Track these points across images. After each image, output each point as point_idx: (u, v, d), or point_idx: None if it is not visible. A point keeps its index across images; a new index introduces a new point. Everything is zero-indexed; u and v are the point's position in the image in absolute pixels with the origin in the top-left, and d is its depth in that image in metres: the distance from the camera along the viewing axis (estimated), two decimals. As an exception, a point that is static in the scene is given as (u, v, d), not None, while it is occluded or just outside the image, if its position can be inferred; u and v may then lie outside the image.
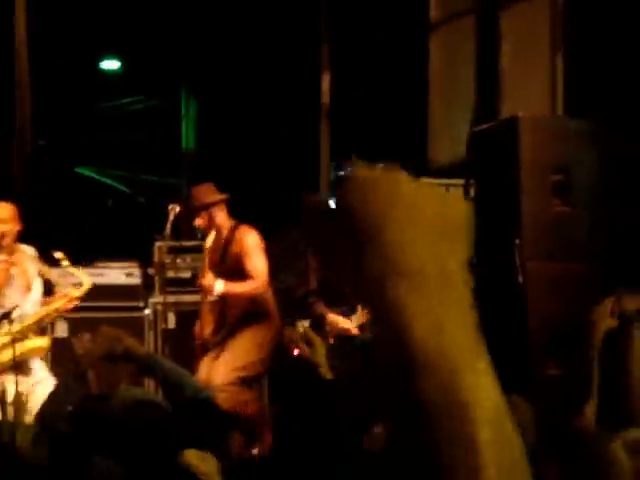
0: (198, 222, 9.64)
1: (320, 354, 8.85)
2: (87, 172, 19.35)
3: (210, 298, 9.87)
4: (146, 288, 12.17)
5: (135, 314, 11.99)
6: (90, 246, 13.00)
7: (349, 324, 9.42)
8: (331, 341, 9.39)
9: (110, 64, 19.86)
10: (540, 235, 9.28)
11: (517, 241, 9.15)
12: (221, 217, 9.57)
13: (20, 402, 8.32)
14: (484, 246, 9.33)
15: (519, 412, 6.21)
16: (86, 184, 19.10)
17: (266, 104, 15.58)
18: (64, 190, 15.25)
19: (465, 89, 12.27)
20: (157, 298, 11.65)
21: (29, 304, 8.95)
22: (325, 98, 14.45)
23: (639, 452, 5.92)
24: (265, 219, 11.34)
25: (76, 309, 10.10)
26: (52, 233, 11.63)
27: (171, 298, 11.68)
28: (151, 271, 11.83)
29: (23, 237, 9.61)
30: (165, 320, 11.82)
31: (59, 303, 9.09)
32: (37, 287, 9.11)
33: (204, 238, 10.12)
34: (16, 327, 8.76)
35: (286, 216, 13.62)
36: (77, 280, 9.40)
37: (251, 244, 9.43)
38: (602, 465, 6.18)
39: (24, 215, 9.30)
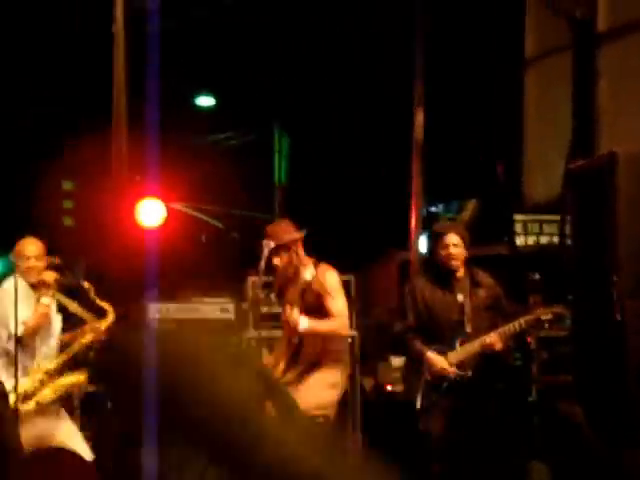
0: (276, 261, 9.12)
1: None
2: (181, 207, 18.85)
3: (293, 336, 9.50)
4: (240, 323, 12.01)
5: None
6: (185, 281, 12.93)
7: (445, 364, 8.96)
8: (428, 377, 8.91)
9: (205, 101, 20.16)
10: (638, 272, 8.92)
11: (615, 278, 8.80)
12: (300, 254, 9.13)
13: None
14: (581, 283, 9.02)
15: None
16: (181, 219, 18.63)
17: (358, 140, 15.38)
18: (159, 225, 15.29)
19: (561, 126, 12.09)
20: (251, 333, 11.43)
21: (52, 338, 8.83)
22: (418, 134, 14.12)
23: None
24: (355, 254, 11.22)
25: None
26: (146, 267, 11.63)
27: (264, 333, 11.48)
28: (245, 306, 11.69)
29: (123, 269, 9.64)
30: (259, 355, 11.50)
31: (89, 337, 8.90)
32: (58, 321, 8.96)
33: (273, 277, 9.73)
34: (52, 365, 8.70)
35: (377, 251, 13.51)
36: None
37: (333, 283, 9.05)
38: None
39: (125, 248, 9.29)
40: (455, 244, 9.06)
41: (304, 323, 8.92)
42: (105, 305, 9.22)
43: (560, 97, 12.20)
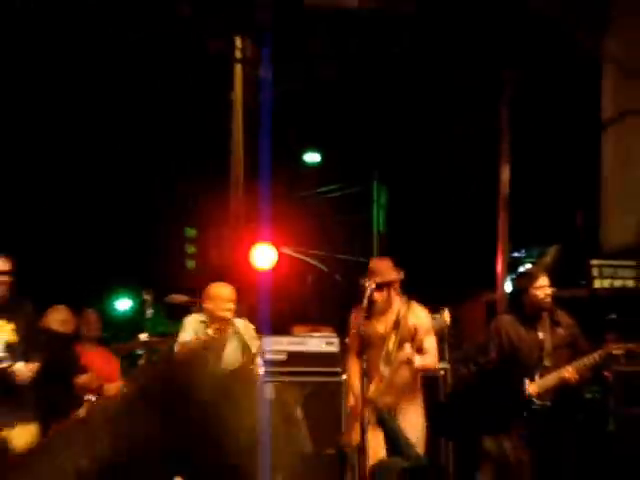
0: (377, 297, 9.11)
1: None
2: (290, 252, 19.02)
3: (387, 370, 9.31)
4: (343, 355, 12.09)
5: (333, 379, 11.90)
6: (293, 317, 13.06)
7: (527, 389, 9.31)
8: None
9: (312, 157, 20.37)
10: None
11: None
12: (397, 292, 9.19)
13: None
14: None
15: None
16: (290, 263, 18.83)
17: (449, 191, 15.42)
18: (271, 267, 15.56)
19: (636, 179, 12.08)
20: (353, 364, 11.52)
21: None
22: (504, 189, 14.11)
23: None
24: (448, 294, 11.35)
25: (282, 373, 10.38)
26: (260, 305, 11.76)
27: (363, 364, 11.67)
28: (348, 340, 11.59)
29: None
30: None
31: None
32: (231, 349, 9.39)
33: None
34: None
35: (467, 292, 13.64)
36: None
37: (427, 322, 9.08)
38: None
39: (241, 288, 9.59)
40: (548, 285, 9.15)
41: (417, 360, 8.91)
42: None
43: (635, 153, 12.13)
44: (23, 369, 8.68)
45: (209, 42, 12.37)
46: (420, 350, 8.86)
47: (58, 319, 10.05)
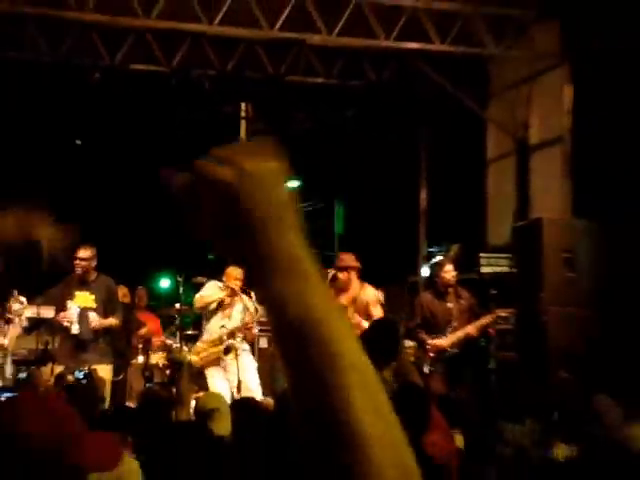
0: (340, 276, 9.50)
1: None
2: None
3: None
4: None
5: None
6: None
7: (442, 342, 9.44)
8: (431, 354, 9.42)
9: (292, 183, 20.44)
10: (555, 290, 9.68)
11: (541, 294, 9.66)
12: (356, 277, 9.49)
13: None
14: (522, 296, 9.96)
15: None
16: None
17: (387, 205, 15.45)
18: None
19: (509, 201, 12.16)
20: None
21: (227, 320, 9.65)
22: (422, 205, 14.60)
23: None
24: (383, 278, 11.69)
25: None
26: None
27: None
28: None
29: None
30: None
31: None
32: (237, 311, 9.69)
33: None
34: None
35: (396, 276, 13.64)
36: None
37: (375, 298, 9.45)
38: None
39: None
40: (452, 270, 9.64)
41: (365, 324, 8.87)
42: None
43: (508, 183, 12.31)
44: (95, 318, 8.87)
45: (224, 106, 12.49)
46: (370, 317, 9.06)
47: (120, 294, 10.13)
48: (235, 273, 9.38)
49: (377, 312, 9.32)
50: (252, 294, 9.41)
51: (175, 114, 12.72)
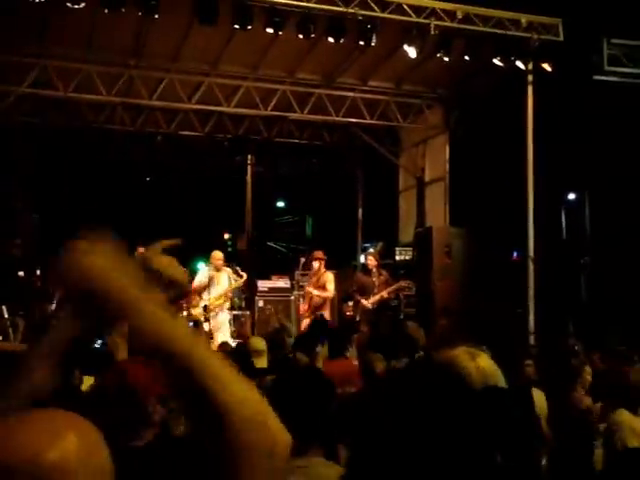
0: (313, 264, 9.48)
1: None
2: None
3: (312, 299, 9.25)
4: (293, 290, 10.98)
5: (288, 297, 10.88)
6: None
7: (367, 302, 9.49)
8: (364, 308, 9.41)
9: (280, 203, 19.26)
10: (439, 271, 9.99)
11: (431, 273, 9.98)
12: (322, 265, 9.48)
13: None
14: (419, 275, 9.99)
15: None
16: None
17: (337, 220, 14.90)
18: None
19: (411, 215, 12.28)
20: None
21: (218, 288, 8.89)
22: (359, 216, 14.18)
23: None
24: (338, 264, 11.21)
25: (264, 295, 10.32)
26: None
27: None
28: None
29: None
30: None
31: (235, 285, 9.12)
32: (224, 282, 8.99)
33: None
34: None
35: (343, 263, 12.80)
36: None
37: (332, 279, 9.43)
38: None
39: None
40: (376, 258, 9.84)
41: (319, 292, 9.18)
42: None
43: (412, 204, 12.29)
44: None
45: (237, 157, 12.12)
46: (325, 289, 9.32)
47: None
48: (217, 255, 9.06)
49: (330, 287, 9.34)
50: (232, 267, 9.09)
51: (206, 162, 12.84)
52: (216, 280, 8.98)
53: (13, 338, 6.89)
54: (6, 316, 7.48)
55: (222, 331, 8.85)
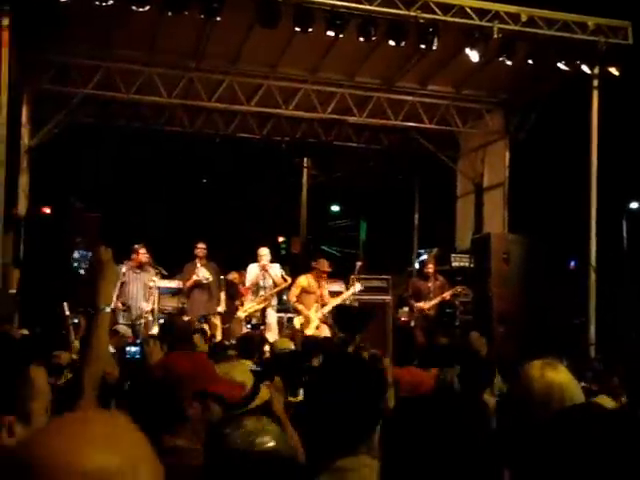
0: (318, 274, 9.07)
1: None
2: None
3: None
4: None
5: None
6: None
7: (424, 305, 9.46)
8: (417, 314, 9.42)
9: (335, 207, 19.32)
10: (497, 277, 9.68)
11: (489, 279, 9.63)
12: (325, 277, 9.10)
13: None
14: (477, 282, 9.81)
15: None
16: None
17: (394, 225, 14.84)
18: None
19: (469, 221, 12.13)
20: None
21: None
22: (415, 222, 13.99)
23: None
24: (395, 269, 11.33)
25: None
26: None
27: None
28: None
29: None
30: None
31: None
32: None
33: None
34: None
35: (398, 268, 12.71)
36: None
37: (326, 289, 9.07)
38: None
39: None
40: (433, 264, 9.82)
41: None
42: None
43: (469, 210, 12.13)
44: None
45: (294, 159, 12.29)
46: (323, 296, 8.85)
47: (231, 276, 9.96)
48: (263, 252, 9.16)
49: (325, 292, 9.05)
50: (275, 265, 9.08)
51: (262, 165, 12.89)
52: (263, 275, 9.03)
53: (74, 336, 6.87)
54: (67, 313, 7.40)
55: (272, 331, 8.89)
